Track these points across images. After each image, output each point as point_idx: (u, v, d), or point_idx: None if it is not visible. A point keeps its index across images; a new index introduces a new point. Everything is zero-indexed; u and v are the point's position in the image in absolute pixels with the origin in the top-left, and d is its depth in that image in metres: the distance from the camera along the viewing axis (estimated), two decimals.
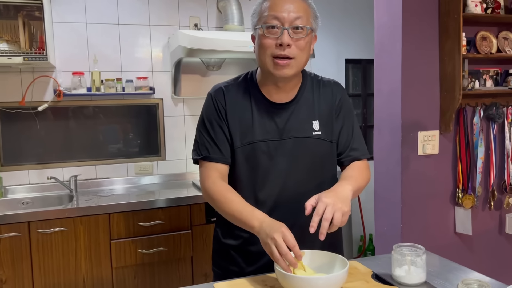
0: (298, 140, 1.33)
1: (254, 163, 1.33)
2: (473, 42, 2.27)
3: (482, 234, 2.36)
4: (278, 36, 1.23)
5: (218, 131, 1.34)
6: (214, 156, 1.33)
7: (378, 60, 2.33)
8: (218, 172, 1.33)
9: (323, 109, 1.38)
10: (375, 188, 2.39)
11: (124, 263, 2.48)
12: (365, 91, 3.81)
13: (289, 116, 1.34)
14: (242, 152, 1.33)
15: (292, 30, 1.23)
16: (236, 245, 1.40)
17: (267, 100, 1.35)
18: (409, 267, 1.19)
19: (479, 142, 2.28)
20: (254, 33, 1.33)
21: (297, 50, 1.25)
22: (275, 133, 1.33)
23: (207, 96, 1.40)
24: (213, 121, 1.35)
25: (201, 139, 1.37)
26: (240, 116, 1.34)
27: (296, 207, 1.28)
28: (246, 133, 1.33)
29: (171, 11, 3.09)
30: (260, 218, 1.19)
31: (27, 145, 2.84)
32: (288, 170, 1.33)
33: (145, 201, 2.53)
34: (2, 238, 2.27)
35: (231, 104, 1.35)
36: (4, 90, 2.76)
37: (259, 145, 1.32)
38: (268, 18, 1.24)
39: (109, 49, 2.96)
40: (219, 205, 1.30)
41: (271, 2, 1.26)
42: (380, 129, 2.33)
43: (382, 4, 2.27)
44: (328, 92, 1.40)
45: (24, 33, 2.56)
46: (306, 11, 1.27)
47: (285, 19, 1.23)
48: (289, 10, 1.23)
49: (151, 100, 3.08)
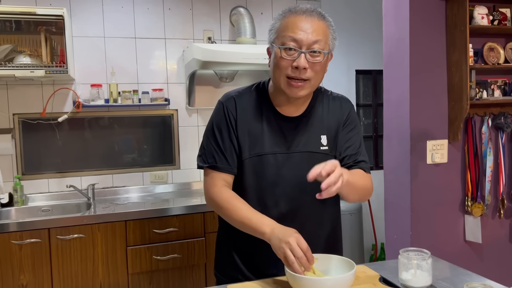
0: (306, 154, 1.35)
1: (261, 175, 1.34)
2: (480, 53, 2.31)
3: (492, 242, 2.38)
4: (295, 58, 1.23)
5: (227, 140, 1.34)
6: (221, 165, 1.33)
7: (386, 71, 2.39)
8: (223, 181, 1.34)
9: (332, 124, 1.40)
10: (385, 196, 2.44)
11: (139, 269, 2.55)
12: (375, 101, 3.86)
13: (298, 130, 1.36)
14: (250, 163, 1.33)
15: (309, 53, 1.23)
16: (239, 252, 1.42)
17: (277, 113, 1.36)
18: (415, 270, 1.24)
19: (488, 151, 2.31)
20: (270, 48, 1.32)
21: (313, 73, 1.25)
22: (283, 146, 1.34)
23: (218, 104, 1.40)
24: (222, 129, 1.35)
25: (208, 147, 1.36)
26: (250, 127, 1.34)
27: (300, 218, 1.35)
28: (255, 144, 1.33)
29: (185, 25, 3.19)
30: (271, 224, 1.22)
31: (47, 155, 2.95)
32: (294, 183, 1.34)
33: (160, 209, 2.60)
34: (23, 244, 2.36)
35: (242, 114, 1.35)
36: (26, 102, 2.87)
37: (267, 157, 1.33)
38: (286, 39, 1.23)
39: (126, 62, 3.07)
40: (226, 212, 1.30)
41: (290, 21, 1.25)
42: (389, 138, 2.38)
43: (390, 17, 2.33)
44: (337, 107, 1.42)
45: (46, 47, 2.68)
46: (325, 34, 1.26)
47: (303, 42, 1.22)
48: (308, 32, 1.22)
49: (166, 111, 3.17)
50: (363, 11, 3.68)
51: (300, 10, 1.26)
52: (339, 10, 3.59)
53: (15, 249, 2.35)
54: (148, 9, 3.11)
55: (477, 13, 2.20)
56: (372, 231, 3.68)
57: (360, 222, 3.55)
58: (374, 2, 3.57)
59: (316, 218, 1.41)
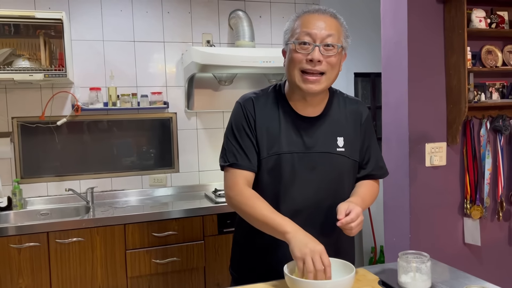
0: (322, 154, 1.37)
1: (278, 173, 1.36)
2: (478, 56, 2.32)
3: (491, 244, 2.38)
4: (309, 52, 1.27)
5: (246, 139, 1.36)
6: (242, 163, 1.35)
7: (385, 74, 2.40)
8: (244, 179, 1.35)
9: (349, 126, 1.43)
10: (384, 199, 2.44)
11: (138, 272, 2.55)
12: (374, 104, 3.87)
13: (315, 131, 1.38)
14: (267, 162, 1.36)
15: (323, 47, 1.28)
16: (256, 250, 1.44)
17: (294, 113, 1.39)
18: (414, 273, 1.24)
19: (486, 153, 2.32)
20: (285, 48, 1.37)
21: (328, 66, 1.30)
22: (300, 145, 1.36)
23: (236, 105, 1.43)
24: (241, 129, 1.37)
25: (229, 146, 1.39)
26: (268, 127, 1.37)
27: (314, 217, 1.37)
28: (272, 143, 1.36)
29: (184, 28, 3.20)
30: (295, 227, 1.23)
31: (46, 158, 2.94)
32: (309, 182, 1.37)
33: (159, 212, 2.60)
34: (22, 248, 2.35)
35: (260, 114, 1.38)
36: (25, 106, 2.87)
37: (284, 156, 1.35)
38: (301, 35, 1.28)
39: (125, 65, 3.08)
40: (248, 210, 1.32)
41: (304, 19, 1.31)
42: (388, 141, 2.38)
43: (388, 20, 2.34)
44: (354, 110, 1.45)
45: (45, 51, 2.68)
46: (338, 30, 1.31)
47: (317, 35, 1.27)
48: (321, 28, 1.28)
49: (165, 114, 3.17)
50: (361, 14, 3.69)
51: (313, 9, 1.32)
52: None
53: (14, 253, 2.34)
54: (147, 13, 3.11)
55: (475, 16, 2.21)
56: (371, 233, 3.67)
57: None
58: (372, 5, 3.59)
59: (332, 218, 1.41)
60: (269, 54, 2.81)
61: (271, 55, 2.80)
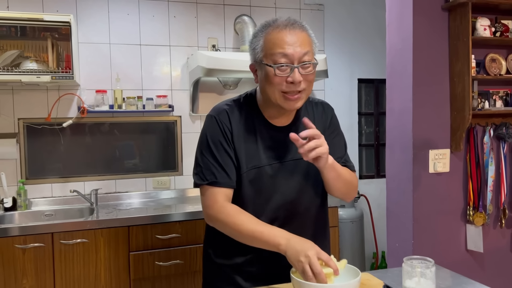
0: (299, 162, 1.36)
1: (259, 186, 1.34)
2: (482, 64, 2.34)
3: (494, 251, 2.39)
4: (288, 74, 1.24)
5: (224, 154, 1.32)
6: (222, 180, 1.30)
7: (389, 80, 2.41)
8: (224, 196, 1.31)
9: (318, 129, 1.41)
10: (387, 204, 2.45)
11: (142, 275, 2.55)
12: (377, 110, 3.88)
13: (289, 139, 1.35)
14: (247, 176, 1.33)
15: (301, 67, 1.25)
16: (233, 265, 1.40)
17: (268, 123, 1.37)
18: (419, 278, 1.25)
19: (490, 161, 2.33)
20: (256, 65, 1.31)
21: (307, 83, 1.28)
22: (277, 156, 1.36)
23: (209, 118, 1.36)
24: (218, 144, 1.32)
25: (206, 163, 1.32)
26: (245, 139, 1.34)
27: (297, 224, 1.38)
28: (251, 157, 1.33)
29: (190, 32, 3.23)
30: (285, 235, 1.21)
31: (51, 160, 2.96)
32: (289, 190, 1.37)
33: (163, 215, 2.61)
34: (26, 249, 2.37)
35: (237, 127, 1.34)
36: (31, 107, 2.90)
37: (264, 169, 1.34)
38: (277, 57, 1.23)
39: (131, 68, 3.10)
40: (233, 227, 1.27)
41: (275, 36, 1.25)
42: (392, 147, 2.40)
43: (393, 27, 2.36)
44: (320, 112, 1.47)
45: (52, 53, 2.71)
46: (310, 44, 1.28)
47: (294, 56, 1.23)
48: (296, 45, 1.23)
49: (170, 117, 3.19)
50: (365, 21, 3.72)
51: (282, 24, 1.26)
52: (342, 20, 3.63)
53: (19, 253, 2.36)
54: (154, 17, 3.14)
55: (480, 24, 2.23)
56: (373, 239, 3.68)
57: (361, 230, 3.56)
58: (377, 12, 3.62)
59: (312, 221, 1.45)
60: None
61: None
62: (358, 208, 3.46)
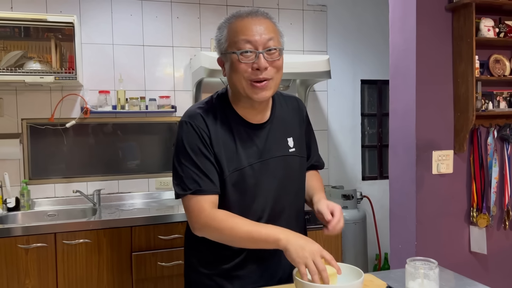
0: (278, 159, 1.36)
1: (242, 188, 1.32)
2: (486, 65, 2.33)
3: (497, 253, 2.38)
4: (253, 60, 1.22)
5: (205, 160, 1.27)
6: (206, 188, 1.26)
7: (393, 81, 2.41)
8: (211, 203, 1.27)
9: (294, 125, 1.44)
10: (390, 206, 2.44)
11: (144, 275, 2.55)
12: (380, 111, 3.87)
13: (267, 136, 1.36)
14: (230, 180, 1.30)
15: (266, 52, 1.23)
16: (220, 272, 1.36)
17: (245, 122, 1.34)
18: (422, 280, 1.24)
19: (493, 162, 2.32)
20: (223, 58, 1.30)
21: (274, 71, 1.25)
22: (256, 155, 1.33)
23: (184, 124, 1.30)
24: (197, 150, 1.27)
25: (186, 172, 1.27)
26: (224, 142, 1.30)
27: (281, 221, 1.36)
28: (231, 159, 1.30)
29: (193, 33, 3.23)
30: (283, 231, 1.21)
31: (54, 160, 2.97)
32: (272, 188, 1.36)
33: (165, 215, 2.62)
34: (29, 249, 2.37)
35: (214, 130, 1.29)
36: (35, 107, 2.91)
37: (245, 170, 1.31)
38: (241, 43, 1.22)
39: (134, 69, 3.11)
40: (227, 232, 1.24)
41: (238, 25, 1.24)
42: (395, 148, 2.39)
43: (396, 28, 2.36)
44: (295, 107, 1.48)
45: (56, 54, 2.71)
46: (275, 31, 1.26)
47: (257, 42, 1.22)
48: (260, 32, 1.22)
49: (172, 118, 3.20)
50: (368, 21, 3.71)
51: (245, 13, 1.26)
52: (345, 21, 3.63)
53: (21, 253, 2.36)
54: (157, 17, 3.15)
55: (483, 25, 2.22)
56: (376, 240, 3.67)
57: (364, 231, 3.55)
58: (380, 13, 3.61)
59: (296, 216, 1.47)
60: None
61: None
62: (361, 209, 3.46)
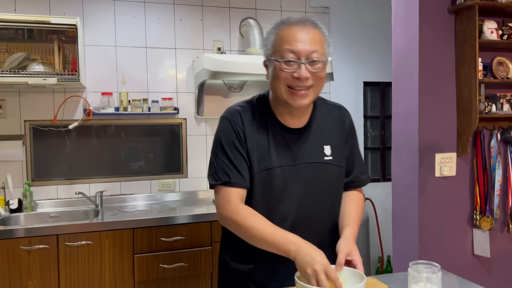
0: (311, 165, 1.36)
1: (269, 188, 1.34)
2: (489, 67, 2.32)
3: (501, 256, 2.36)
4: (295, 70, 1.24)
5: (238, 155, 1.32)
6: (235, 180, 1.30)
7: (395, 83, 2.40)
8: (238, 196, 1.31)
9: (334, 134, 1.42)
10: (393, 209, 2.43)
11: (146, 277, 2.55)
12: (383, 113, 3.87)
13: (303, 142, 1.37)
14: (259, 178, 1.33)
15: (309, 63, 1.24)
16: (247, 270, 1.40)
17: (281, 125, 1.36)
18: (424, 283, 1.23)
19: (497, 165, 2.31)
20: (267, 61, 1.34)
21: (315, 79, 1.27)
22: (289, 158, 1.35)
23: (223, 119, 1.38)
24: (231, 144, 1.32)
25: (219, 164, 1.33)
26: (257, 140, 1.33)
27: (309, 229, 1.36)
28: (263, 158, 1.33)
29: (195, 35, 3.23)
30: (297, 242, 1.19)
31: (56, 162, 2.98)
32: (301, 194, 1.36)
33: (168, 217, 2.62)
34: (32, 250, 2.37)
35: (249, 128, 1.34)
36: (38, 109, 2.91)
37: (275, 170, 1.33)
38: (285, 52, 1.24)
39: (136, 71, 3.11)
40: (246, 230, 1.26)
41: (285, 33, 1.26)
42: (398, 151, 2.38)
43: (399, 30, 2.35)
44: (338, 116, 1.46)
45: (59, 56, 2.72)
46: (321, 42, 1.27)
47: (301, 53, 1.23)
48: (305, 43, 1.23)
49: (175, 119, 3.20)
50: (371, 23, 3.71)
51: (294, 21, 1.27)
52: (347, 22, 3.62)
53: (24, 254, 2.36)
54: (160, 19, 3.15)
55: (487, 27, 2.22)
56: (379, 243, 3.66)
57: (367, 234, 3.54)
58: (382, 15, 3.61)
59: (331, 228, 1.44)
60: None
61: None
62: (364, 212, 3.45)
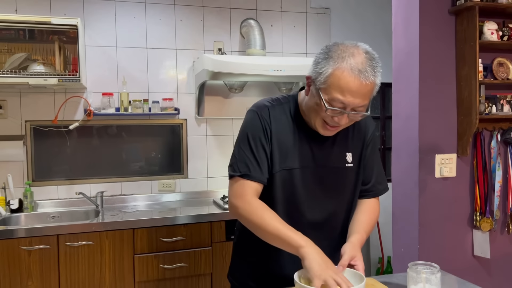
0: (332, 169, 1.38)
1: (289, 189, 1.35)
2: (489, 68, 2.32)
3: (501, 257, 2.36)
4: (337, 114, 1.23)
5: (261, 149, 1.32)
6: (255, 174, 1.31)
7: (396, 84, 2.40)
8: (254, 190, 1.31)
9: (356, 141, 1.43)
10: (393, 209, 2.43)
11: (146, 277, 2.55)
12: (383, 114, 3.87)
13: (326, 146, 1.38)
14: (279, 177, 1.34)
15: (352, 112, 1.23)
16: (257, 259, 1.44)
17: (308, 128, 1.36)
18: (424, 284, 1.23)
19: (497, 166, 2.31)
20: (313, 86, 1.26)
21: (349, 122, 1.29)
22: (310, 160, 1.36)
23: (251, 113, 1.37)
24: (257, 139, 1.33)
25: (241, 156, 1.33)
26: (282, 139, 1.34)
27: (325, 232, 1.39)
28: (285, 157, 1.34)
29: (196, 36, 3.24)
30: (308, 241, 1.21)
31: (57, 162, 2.98)
32: (320, 197, 1.38)
33: (168, 218, 2.62)
34: (32, 250, 2.38)
35: (276, 125, 1.34)
36: (38, 109, 2.92)
37: (295, 171, 1.34)
38: (335, 101, 1.20)
39: (137, 72, 3.11)
40: (257, 221, 1.27)
41: (344, 80, 1.18)
42: (398, 151, 2.38)
43: (400, 31, 2.35)
44: (362, 124, 1.45)
45: (59, 56, 2.72)
46: (371, 95, 1.24)
47: (349, 104, 1.20)
48: (357, 97, 1.19)
49: (175, 120, 3.20)
50: (371, 24, 3.70)
51: (357, 70, 1.18)
52: (348, 23, 3.62)
53: (24, 254, 2.37)
54: (160, 20, 3.15)
55: (487, 28, 2.22)
56: (379, 244, 3.66)
57: None
58: (383, 15, 3.60)
59: (341, 229, 1.45)
60: (279, 63, 2.83)
61: (281, 63, 2.82)
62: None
